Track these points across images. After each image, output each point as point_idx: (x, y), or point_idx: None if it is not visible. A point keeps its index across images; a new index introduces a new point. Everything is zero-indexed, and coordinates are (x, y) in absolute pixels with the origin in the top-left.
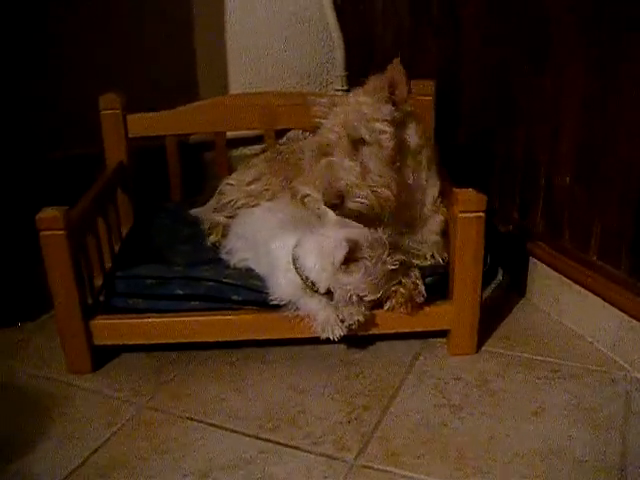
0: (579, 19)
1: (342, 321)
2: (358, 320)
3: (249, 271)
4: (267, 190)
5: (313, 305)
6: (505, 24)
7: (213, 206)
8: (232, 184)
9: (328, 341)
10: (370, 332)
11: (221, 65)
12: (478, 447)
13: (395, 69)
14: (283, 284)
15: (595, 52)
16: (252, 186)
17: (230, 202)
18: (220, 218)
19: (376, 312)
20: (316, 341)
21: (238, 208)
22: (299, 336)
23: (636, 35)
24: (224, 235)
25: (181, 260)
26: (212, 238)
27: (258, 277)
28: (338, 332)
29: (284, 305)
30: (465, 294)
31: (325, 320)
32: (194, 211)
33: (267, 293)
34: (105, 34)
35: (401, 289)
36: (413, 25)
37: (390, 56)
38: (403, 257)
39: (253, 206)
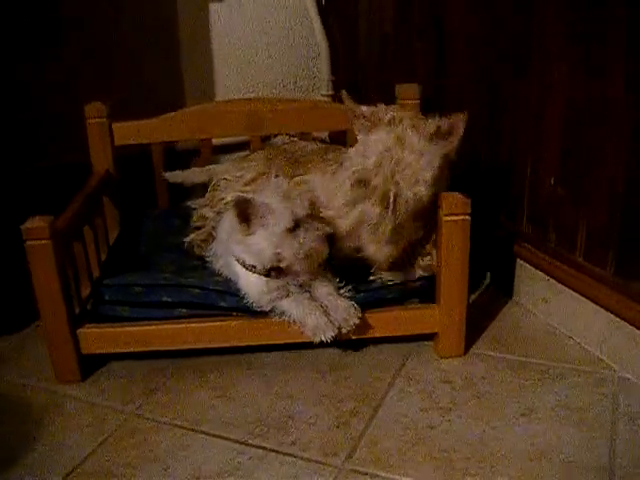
0: (564, 18)
1: (339, 329)
2: (354, 324)
3: None
4: None
5: (299, 311)
6: (489, 25)
7: (206, 200)
8: (228, 179)
9: (316, 345)
10: (358, 336)
11: (207, 72)
12: (466, 449)
13: (460, 120)
14: (253, 289)
15: (580, 52)
16: (249, 187)
17: (222, 199)
18: (209, 213)
19: (364, 316)
20: (304, 346)
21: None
22: (288, 341)
23: (618, 35)
24: (205, 240)
25: (168, 267)
26: (190, 237)
27: None
28: (330, 333)
29: (270, 311)
30: (452, 297)
31: (315, 324)
32: (191, 203)
33: None
34: (92, 41)
35: None
36: (398, 28)
37: (375, 60)
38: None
39: None
